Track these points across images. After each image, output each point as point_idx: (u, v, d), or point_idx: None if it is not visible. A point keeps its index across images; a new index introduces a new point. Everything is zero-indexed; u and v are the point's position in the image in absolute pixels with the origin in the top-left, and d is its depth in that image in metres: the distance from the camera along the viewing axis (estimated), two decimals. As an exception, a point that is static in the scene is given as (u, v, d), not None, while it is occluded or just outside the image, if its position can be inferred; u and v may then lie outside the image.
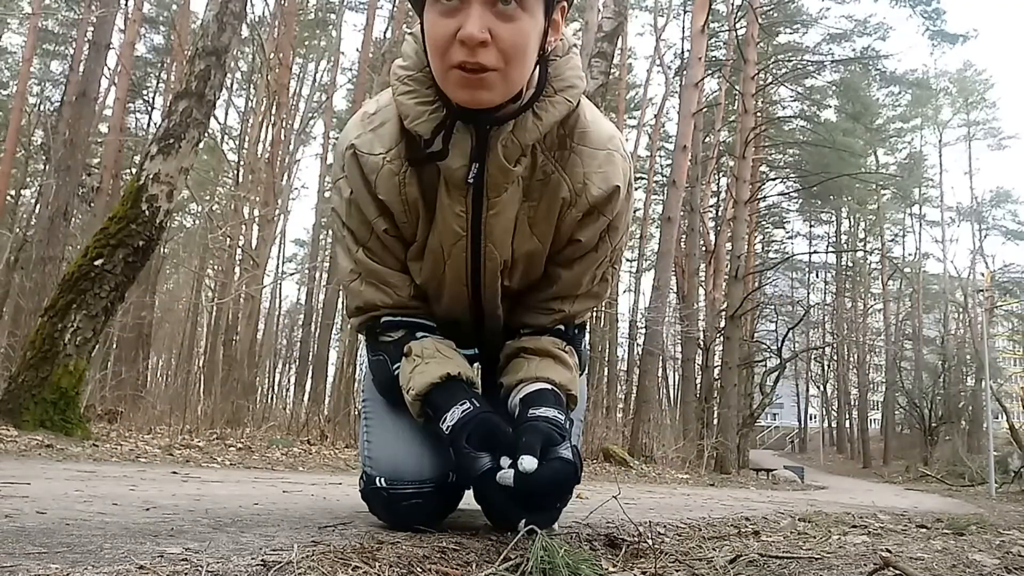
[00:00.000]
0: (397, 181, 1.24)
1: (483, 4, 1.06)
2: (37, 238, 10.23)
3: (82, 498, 1.73)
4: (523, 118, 1.18)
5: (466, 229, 1.27)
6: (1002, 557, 1.42)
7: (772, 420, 41.98)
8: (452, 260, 1.32)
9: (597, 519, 1.55)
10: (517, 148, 1.20)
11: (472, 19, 1.05)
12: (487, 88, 1.10)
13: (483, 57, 1.07)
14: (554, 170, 1.26)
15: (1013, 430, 16.22)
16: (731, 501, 4.16)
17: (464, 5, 1.07)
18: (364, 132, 1.26)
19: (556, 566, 0.98)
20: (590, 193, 1.26)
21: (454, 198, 1.24)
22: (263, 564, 0.92)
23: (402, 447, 1.38)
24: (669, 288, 15.06)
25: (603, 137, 1.27)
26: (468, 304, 1.40)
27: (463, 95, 1.12)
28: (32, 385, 4.67)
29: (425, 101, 1.18)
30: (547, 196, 1.27)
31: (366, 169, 1.25)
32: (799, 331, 23.68)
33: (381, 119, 1.26)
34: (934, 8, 17.74)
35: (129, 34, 15.36)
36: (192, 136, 5.25)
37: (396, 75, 1.22)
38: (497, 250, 1.30)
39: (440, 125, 1.18)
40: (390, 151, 1.24)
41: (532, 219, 1.29)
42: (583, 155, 1.26)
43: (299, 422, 8.62)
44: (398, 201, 1.27)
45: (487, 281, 1.35)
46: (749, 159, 15.82)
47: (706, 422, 15.07)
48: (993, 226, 31.72)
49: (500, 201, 1.24)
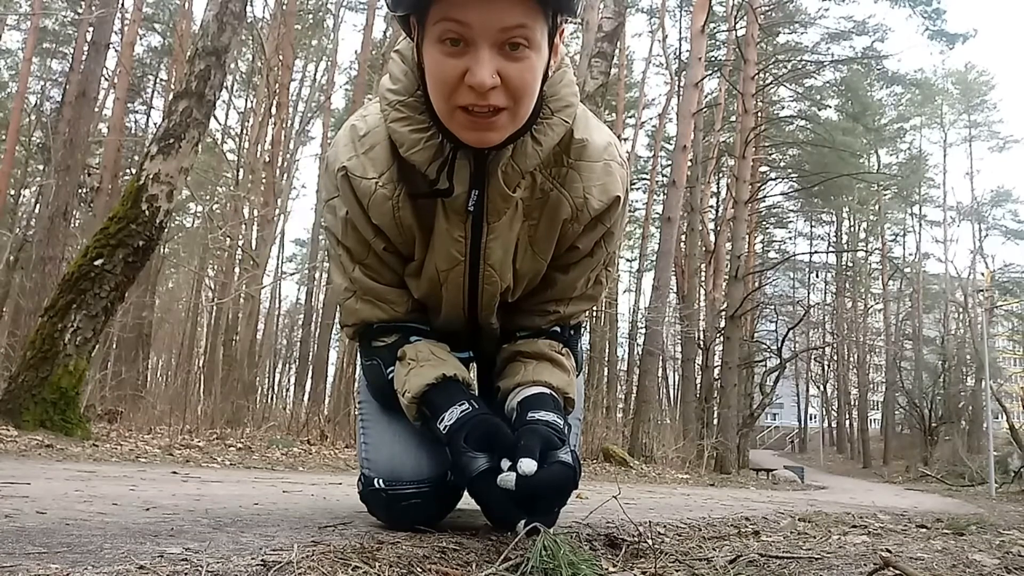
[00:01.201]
0: (391, 206, 1.23)
1: (491, 47, 1.03)
2: (37, 238, 10.23)
3: (82, 498, 1.73)
4: (522, 143, 1.16)
5: (464, 254, 1.27)
6: (1002, 557, 1.42)
7: (772, 420, 41.99)
8: (449, 284, 1.31)
9: (597, 519, 1.55)
10: (517, 174, 1.19)
11: (483, 65, 1.02)
12: (496, 129, 1.09)
13: (493, 99, 1.05)
14: (552, 188, 1.24)
15: (1013, 430, 16.22)
16: (731, 501, 4.15)
17: (471, 48, 1.03)
18: (355, 155, 1.22)
19: (557, 566, 0.98)
20: (591, 207, 1.25)
21: (453, 224, 1.23)
22: (263, 564, 0.92)
23: (399, 448, 1.38)
24: (669, 288, 15.07)
25: (599, 148, 1.26)
26: (464, 320, 1.40)
27: (471, 136, 1.10)
28: (32, 385, 4.67)
29: (420, 128, 1.15)
30: (547, 214, 1.26)
31: (359, 193, 1.23)
32: (799, 331, 23.66)
33: (371, 142, 1.22)
34: (934, 8, 17.74)
35: (129, 34, 15.36)
36: (192, 136, 5.25)
37: (387, 99, 1.18)
38: (496, 273, 1.29)
39: (437, 153, 1.16)
40: (382, 175, 1.21)
41: (533, 238, 1.28)
42: (581, 170, 1.24)
43: (299, 422, 8.63)
44: (393, 225, 1.25)
45: (484, 303, 1.35)
46: (749, 159, 15.82)
47: (706, 422, 15.08)
48: (993, 226, 31.74)
49: (500, 225, 1.24)
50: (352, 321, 1.38)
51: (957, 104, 30.85)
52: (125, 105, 16.49)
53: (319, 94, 19.01)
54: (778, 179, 21.98)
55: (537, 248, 1.29)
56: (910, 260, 31.04)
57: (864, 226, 31.00)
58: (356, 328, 1.39)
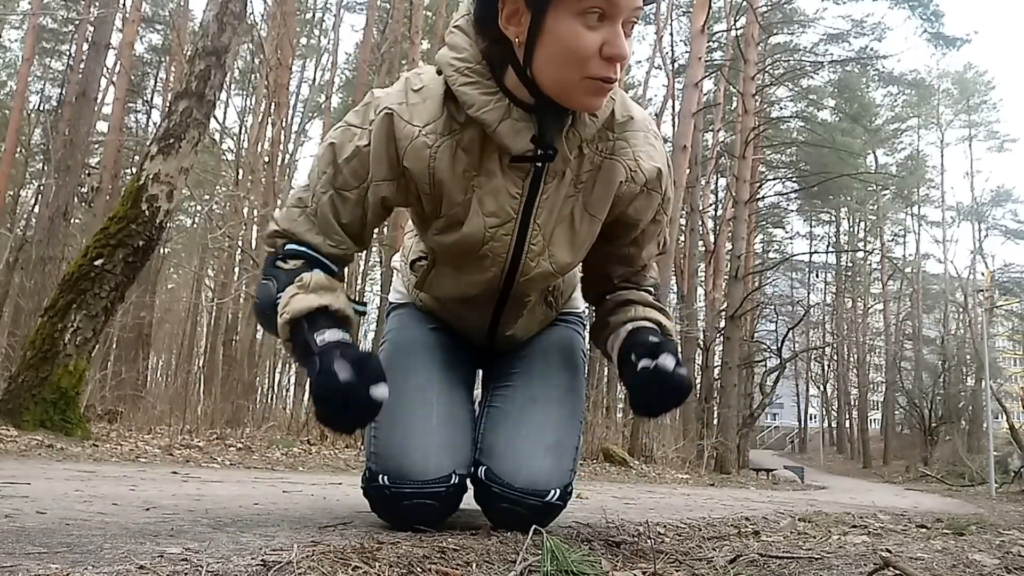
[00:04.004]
0: (428, 154, 1.25)
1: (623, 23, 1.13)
2: (37, 238, 10.23)
3: (82, 498, 1.73)
4: (580, 114, 1.25)
5: (518, 212, 1.31)
6: (1002, 557, 1.42)
7: (772, 420, 41.97)
8: (496, 241, 1.33)
9: (597, 519, 1.55)
10: (577, 139, 1.27)
11: (622, 39, 1.13)
12: (607, 95, 1.21)
13: (617, 72, 1.16)
14: (603, 159, 1.32)
15: (1013, 430, 16.21)
16: (731, 501, 4.15)
17: (607, 22, 1.12)
18: (405, 103, 1.26)
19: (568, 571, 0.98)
20: (643, 169, 1.34)
21: (510, 180, 1.28)
22: (263, 564, 0.92)
23: (408, 445, 1.38)
24: (669, 288, 15.06)
25: (640, 121, 1.36)
26: (498, 288, 1.42)
27: (591, 102, 1.19)
28: (32, 385, 4.66)
29: (489, 92, 1.21)
30: (602, 179, 1.33)
31: (399, 134, 1.25)
32: (799, 331, 23.66)
33: (425, 95, 1.26)
34: (933, 11, 17.69)
35: (128, 34, 15.35)
36: (192, 136, 5.24)
37: (453, 66, 1.22)
38: (541, 232, 1.34)
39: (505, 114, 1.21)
40: (427, 125, 1.25)
41: (588, 201, 1.34)
42: (628, 139, 1.34)
43: (299, 422, 8.62)
44: (425, 173, 1.27)
45: (525, 265, 1.37)
46: (749, 159, 15.80)
47: (706, 422, 15.06)
48: (993, 226, 31.72)
49: (551, 187, 1.30)
50: (282, 228, 1.35)
51: (955, 104, 30.83)
52: (125, 105, 16.48)
53: (319, 94, 19.02)
54: (777, 179, 21.98)
55: (592, 210, 1.35)
56: (910, 260, 31.05)
57: (864, 226, 31.00)
58: (278, 238, 1.36)
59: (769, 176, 21.68)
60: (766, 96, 20.36)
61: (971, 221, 31.53)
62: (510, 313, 1.50)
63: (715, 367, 16.76)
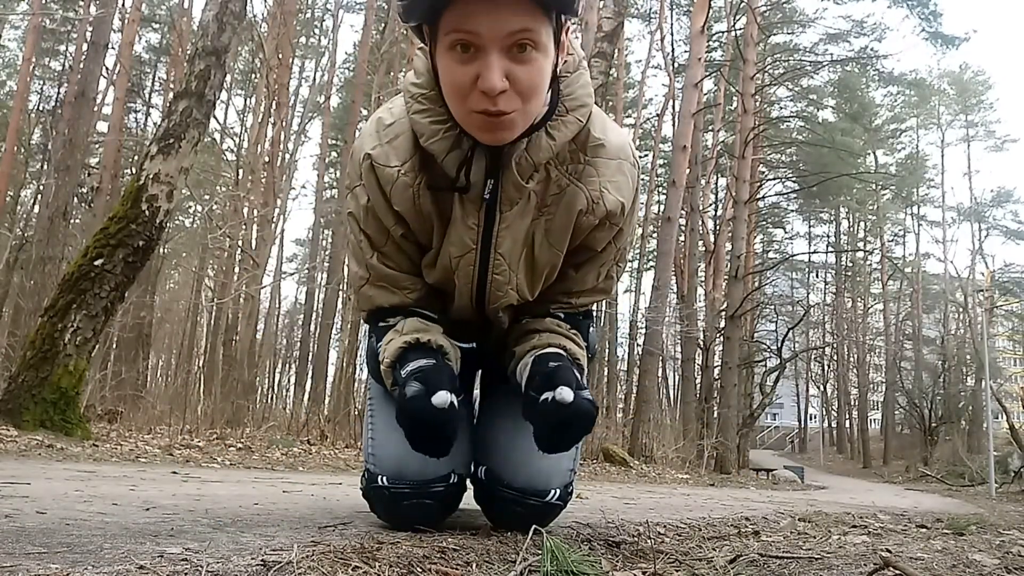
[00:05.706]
0: (412, 193, 1.27)
1: (499, 52, 1.07)
2: (37, 238, 10.22)
3: (82, 498, 1.73)
4: (536, 137, 1.21)
5: (477, 242, 1.30)
6: (1002, 557, 1.42)
7: (772, 420, 41.96)
8: (460, 271, 1.34)
9: (597, 519, 1.55)
10: (530, 166, 1.23)
11: (492, 70, 1.07)
12: (508, 128, 1.14)
13: (504, 103, 1.10)
14: (569, 183, 1.29)
15: (1013, 430, 16.21)
16: (731, 501, 4.15)
17: (480, 54, 1.07)
18: (380, 144, 1.28)
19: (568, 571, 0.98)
20: (606, 201, 1.30)
21: (468, 211, 1.28)
22: (263, 564, 0.92)
23: (405, 446, 1.38)
24: (669, 288, 15.05)
25: (614, 148, 1.31)
26: (473, 310, 1.43)
27: (486, 137, 1.16)
28: (32, 385, 4.66)
29: (439, 120, 1.21)
30: (563, 207, 1.30)
31: (382, 180, 1.27)
32: (799, 331, 23.65)
33: (395, 132, 1.27)
34: (931, 11, 17.66)
35: (127, 34, 15.35)
36: (192, 136, 5.25)
37: (409, 92, 1.24)
38: (506, 262, 1.33)
39: (454, 144, 1.21)
40: (404, 164, 1.26)
41: (549, 230, 1.32)
42: (597, 166, 1.30)
43: (299, 422, 8.62)
44: (413, 211, 1.29)
45: (491, 292, 1.37)
46: (749, 159, 15.80)
47: (706, 422, 15.05)
48: (993, 226, 31.69)
49: (511, 215, 1.28)
50: (367, 307, 1.42)
51: (953, 104, 30.82)
52: (125, 105, 16.48)
53: (319, 94, 19.01)
54: (777, 179, 21.96)
55: (552, 239, 1.33)
56: (910, 260, 31.03)
57: (864, 226, 30.98)
58: (372, 317, 1.43)
59: (769, 176, 21.66)
60: (766, 96, 20.36)
61: (971, 221, 31.54)
62: (497, 330, 1.50)
63: (715, 367, 16.75)
